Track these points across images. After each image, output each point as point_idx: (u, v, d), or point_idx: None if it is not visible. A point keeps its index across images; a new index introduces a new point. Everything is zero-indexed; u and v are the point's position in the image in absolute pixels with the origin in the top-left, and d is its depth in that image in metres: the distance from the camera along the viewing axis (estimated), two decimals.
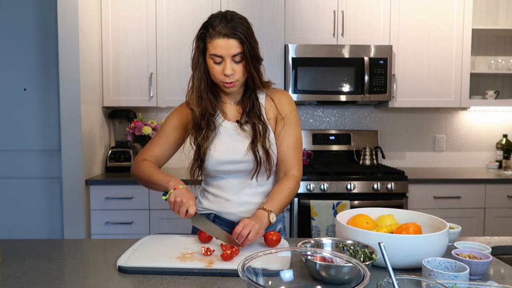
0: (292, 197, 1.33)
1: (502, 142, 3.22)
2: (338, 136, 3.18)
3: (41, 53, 2.73)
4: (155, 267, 1.03)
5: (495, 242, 1.30)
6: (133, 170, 1.39)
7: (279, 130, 1.37)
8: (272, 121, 1.38)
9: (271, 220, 1.23)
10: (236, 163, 1.34)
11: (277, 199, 1.28)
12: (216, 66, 1.26)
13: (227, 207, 1.38)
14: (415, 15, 2.89)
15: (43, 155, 2.76)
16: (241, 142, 1.34)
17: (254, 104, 1.36)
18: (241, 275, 0.71)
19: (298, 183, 1.36)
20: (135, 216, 2.61)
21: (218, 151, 1.33)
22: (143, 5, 2.80)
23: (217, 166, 1.34)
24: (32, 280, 0.97)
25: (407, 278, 0.77)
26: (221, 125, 1.36)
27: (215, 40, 1.23)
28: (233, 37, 1.23)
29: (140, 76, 2.84)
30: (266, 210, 1.24)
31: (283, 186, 1.31)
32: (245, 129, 1.34)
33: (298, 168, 1.37)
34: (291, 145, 1.36)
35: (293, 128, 1.38)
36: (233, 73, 1.26)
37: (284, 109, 1.38)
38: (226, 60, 1.25)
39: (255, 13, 2.82)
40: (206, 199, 1.43)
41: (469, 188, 2.71)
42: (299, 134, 1.40)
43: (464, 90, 2.93)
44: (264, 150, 1.32)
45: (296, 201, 2.60)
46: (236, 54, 1.24)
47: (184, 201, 1.18)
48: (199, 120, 1.32)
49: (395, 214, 1.23)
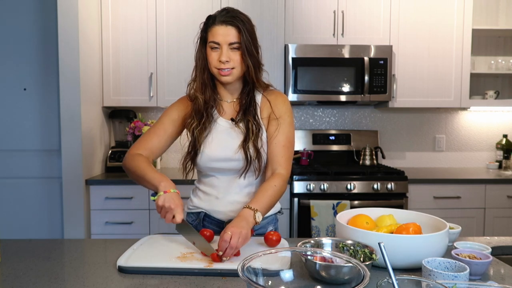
0: (279, 196, 1.30)
1: (502, 142, 3.22)
2: (338, 136, 3.18)
3: (41, 53, 2.73)
4: (155, 267, 1.03)
5: (495, 242, 1.30)
6: (125, 161, 1.33)
7: (272, 130, 1.35)
8: (266, 120, 1.37)
9: (257, 219, 1.19)
10: (226, 160, 1.33)
11: (263, 198, 1.25)
12: (213, 53, 1.28)
13: (216, 206, 1.38)
14: (415, 15, 2.89)
15: (43, 155, 2.76)
16: (234, 139, 1.34)
17: (251, 102, 1.36)
18: (241, 275, 0.71)
19: (285, 183, 1.33)
20: (135, 216, 2.61)
21: (211, 147, 1.34)
22: (143, 5, 2.80)
23: (209, 162, 1.34)
24: (32, 280, 0.97)
25: (407, 278, 0.77)
26: (216, 121, 1.36)
27: (214, 27, 1.26)
28: (231, 24, 1.26)
29: (140, 76, 2.84)
30: (251, 209, 1.20)
31: (269, 184, 1.29)
32: (239, 127, 1.33)
33: (286, 167, 1.34)
34: (280, 143, 1.34)
35: (285, 127, 1.36)
36: (229, 60, 1.27)
37: (279, 109, 1.37)
38: (223, 47, 1.26)
39: (255, 13, 2.82)
40: (197, 197, 1.44)
41: (469, 188, 2.71)
42: (291, 134, 1.37)
43: (464, 90, 2.93)
44: (255, 149, 1.31)
45: (296, 201, 2.60)
46: (233, 43, 1.26)
47: (172, 207, 1.14)
48: (202, 108, 1.33)
49: (395, 214, 1.23)
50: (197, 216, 1.42)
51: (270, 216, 1.44)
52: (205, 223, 1.40)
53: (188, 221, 1.42)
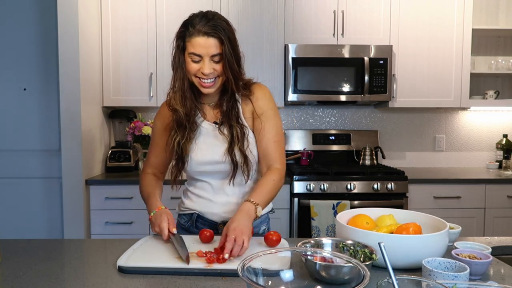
0: (277, 190, 1.31)
1: (502, 142, 3.22)
2: (338, 136, 3.18)
3: (41, 53, 2.73)
4: (155, 267, 1.03)
5: (495, 242, 1.29)
6: (140, 181, 1.46)
7: (258, 128, 1.34)
8: (250, 120, 1.35)
9: (258, 213, 1.20)
10: (215, 164, 1.33)
11: (263, 192, 1.25)
12: (193, 63, 1.23)
13: (210, 207, 1.37)
14: (415, 15, 2.89)
15: (43, 155, 2.76)
16: (220, 144, 1.32)
17: (233, 106, 1.32)
18: (241, 275, 0.71)
19: (283, 177, 1.34)
20: (135, 216, 2.61)
21: (198, 151, 1.32)
22: (143, 4, 2.80)
23: (198, 166, 1.34)
24: (32, 280, 0.97)
25: (407, 278, 0.77)
26: (200, 125, 1.34)
27: (194, 38, 1.19)
28: (213, 35, 1.19)
29: (140, 76, 2.84)
30: (253, 203, 1.20)
31: (268, 179, 1.29)
32: (223, 132, 1.31)
33: (281, 161, 1.35)
34: (271, 139, 1.33)
35: (272, 121, 1.34)
36: (212, 71, 1.22)
37: (260, 105, 1.34)
38: (205, 60, 1.21)
39: (255, 13, 2.82)
40: (188, 199, 1.42)
41: (469, 188, 2.71)
42: (279, 127, 1.36)
43: (464, 90, 2.93)
44: (242, 154, 1.30)
45: (296, 201, 2.60)
46: (215, 54, 1.21)
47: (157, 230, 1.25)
48: (183, 120, 1.29)
49: (395, 214, 1.22)
50: (189, 217, 1.42)
51: (263, 215, 1.43)
52: (198, 224, 1.40)
53: (180, 222, 1.45)
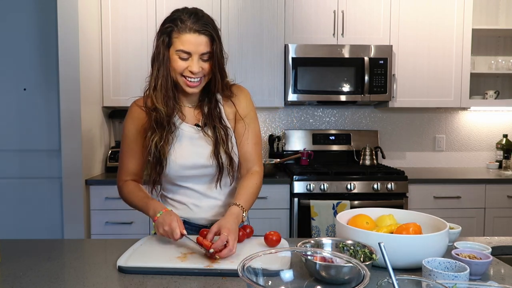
0: (258, 193, 1.32)
1: (502, 142, 3.22)
2: (338, 136, 3.18)
3: (41, 53, 2.73)
4: (155, 267, 1.03)
5: (495, 242, 1.29)
6: (120, 194, 1.36)
7: (241, 131, 1.33)
8: (232, 121, 1.34)
9: (244, 218, 1.21)
10: (200, 168, 1.30)
11: (247, 196, 1.25)
12: (180, 61, 1.19)
13: (196, 213, 1.35)
14: (415, 15, 2.89)
15: (43, 155, 2.76)
16: (204, 147, 1.29)
17: (215, 107, 1.30)
18: (241, 275, 0.71)
19: (262, 179, 1.35)
20: (135, 216, 2.61)
21: (179, 155, 1.27)
22: (143, 4, 2.80)
23: (180, 171, 1.29)
24: (32, 280, 0.97)
25: (407, 278, 0.77)
26: (179, 127, 1.28)
27: (185, 35, 1.16)
28: (204, 33, 1.17)
29: (140, 76, 2.80)
30: (240, 207, 1.21)
31: (250, 182, 1.29)
32: (207, 134, 1.28)
33: (259, 164, 1.36)
34: (251, 141, 1.34)
35: (254, 123, 1.36)
36: (200, 70, 1.20)
37: (242, 108, 1.33)
38: (194, 58, 1.18)
39: (255, 13, 2.82)
40: (170, 206, 1.36)
41: (469, 188, 2.71)
42: (258, 129, 1.37)
43: (464, 90, 2.93)
44: (227, 155, 1.29)
45: (296, 201, 2.60)
46: (205, 53, 1.19)
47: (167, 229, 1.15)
48: (163, 121, 1.23)
49: (395, 214, 1.22)
50: None
51: None
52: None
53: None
